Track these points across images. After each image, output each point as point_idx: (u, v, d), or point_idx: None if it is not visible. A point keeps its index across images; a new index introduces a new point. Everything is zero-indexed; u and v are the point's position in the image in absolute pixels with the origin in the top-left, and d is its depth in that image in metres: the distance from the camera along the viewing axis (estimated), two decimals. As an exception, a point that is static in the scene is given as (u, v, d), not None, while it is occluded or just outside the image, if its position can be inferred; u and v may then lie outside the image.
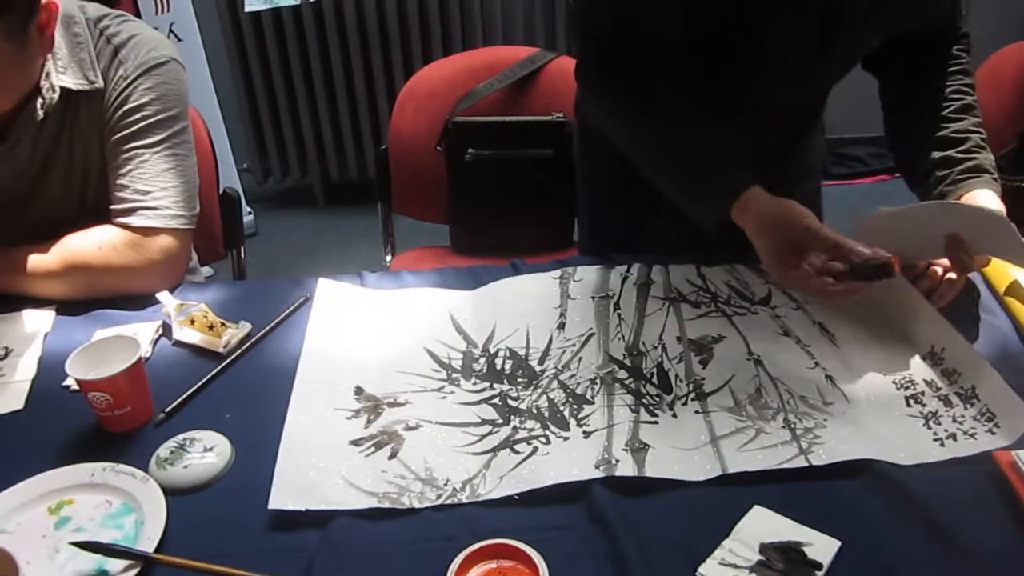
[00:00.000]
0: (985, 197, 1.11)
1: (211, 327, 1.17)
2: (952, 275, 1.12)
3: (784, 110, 1.30)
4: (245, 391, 1.09)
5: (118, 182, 1.26)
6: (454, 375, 1.09)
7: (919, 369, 1.07)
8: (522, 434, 0.99)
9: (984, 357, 1.05)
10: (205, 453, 0.97)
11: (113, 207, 1.27)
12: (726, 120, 1.20)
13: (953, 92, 1.21)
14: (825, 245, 1.04)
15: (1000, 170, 1.72)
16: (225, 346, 1.15)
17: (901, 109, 1.27)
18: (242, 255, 1.82)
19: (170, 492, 0.92)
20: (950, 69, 1.23)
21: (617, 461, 0.94)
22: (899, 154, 1.26)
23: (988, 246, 1.09)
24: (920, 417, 1.00)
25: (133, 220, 1.25)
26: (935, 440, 0.96)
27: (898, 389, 1.04)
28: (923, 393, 1.03)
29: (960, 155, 1.15)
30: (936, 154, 1.17)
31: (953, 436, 0.97)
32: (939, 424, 0.98)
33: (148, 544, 0.85)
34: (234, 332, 1.17)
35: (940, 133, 1.18)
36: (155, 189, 1.26)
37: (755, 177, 1.11)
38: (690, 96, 1.17)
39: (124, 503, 0.92)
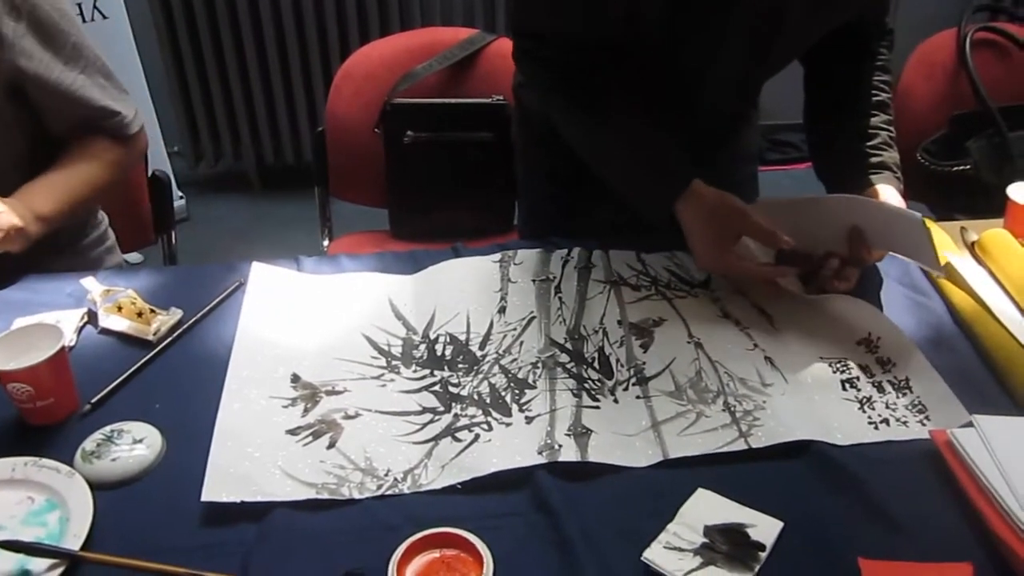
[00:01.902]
0: (887, 193, 1.15)
1: (140, 314, 1.13)
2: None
3: (723, 102, 1.30)
4: (176, 380, 1.05)
5: None
6: (394, 362, 1.07)
7: (854, 354, 1.08)
8: (463, 421, 0.98)
9: (918, 342, 1.07)
10: (134, 445, 0.94)
11: None
12: (665, 112, 1.20)
13: (870, 89, 1.24)
14: (761, 234, 1.11)
15: (930, 155, 1.77)
16: (155, 334, 1.11)
17: (820, 99, 1.30)
18: (173, 240, 1.77)
19: (97, 487, 0.88)
20: (872, 64, 1.26)
21: (560, 446, 0.93)
22: (812, 141, 1.30)
23: (889, 243, 1.13)
24: (855, 401, 1.01)
25: None
26: (870, 424, 0.98)
27: (834, 372, 1.05)
28: (858, 378, 1.04)
29: (868, 150, 1.20)
30: (846, 145, 1.22)
31: (887, 421, 0.98)
32: (873, 409, 1.00)
33: (74, 542, 0.81)
34: (164, 319, 1.13)
35: (853, 126, 1.22)
36: None
37: (694, 165, 1.12)
38: (628, 90, 1.17)
39: (48, 499, 0.88)
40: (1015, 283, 1.15)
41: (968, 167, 1.72)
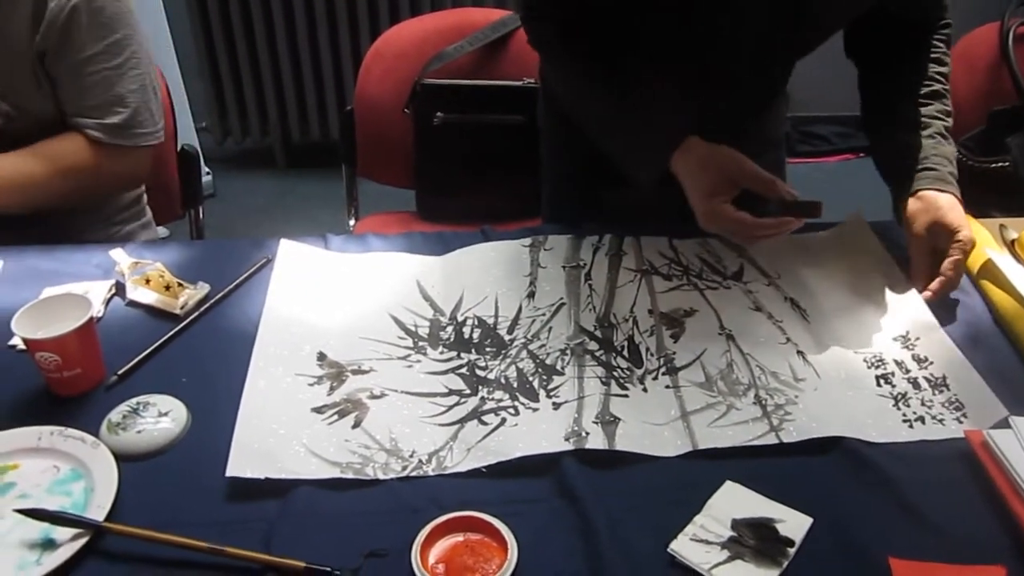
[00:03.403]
0: (943, 202, 1.12)
1: (167, 287, 1.13)
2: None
3: (750, 82, 1.28)
4: (202, 355, 1.05)
5: None
6: (420, 343, 1.06)
7: (890, 349, 1.06)
8: (490, 405, 0.97)
9: (956, 340, 1.05)
10: (160, 418, 0.93)
11: None
12: (683, 83, 1.19)
13: (924, 78, 1.21)
14: (759, 179, 1.08)
15: (968, 150, 1.74)
16: (182, 307, 1.11)
17: (874, 90, 1.27)
18: (200, 215, 1.77)
19: (122, 458, 0.88)
20: (928, 56, 1.23)
21: (587, 433, 0.92)
22: (868, 133, 1.26)
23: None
24: (890, 397, 0.99)
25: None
26: (904, 421, 0.96)
27: (869, 368, 1.04)
28: (893, 374, 1.02)
29: (923, 141, 1.17)
30: (900, 136, 1.19)
31: (922, 419, 0.96)
32: (908, 406, 0.98)
33: (98, 512, 0.81)
34: (191, 293, 1.13)
35: (905, 116, 1.20)
36: None
37: (716, 141, 1.10)
38: (638, 54, 1.15)
39: (73, 469, 0.88)
40: (1056, 283, 1.12)
41: (1007, 164, 1.68)
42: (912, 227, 1.13)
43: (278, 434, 0.92)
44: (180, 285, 1.13)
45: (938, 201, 1.12)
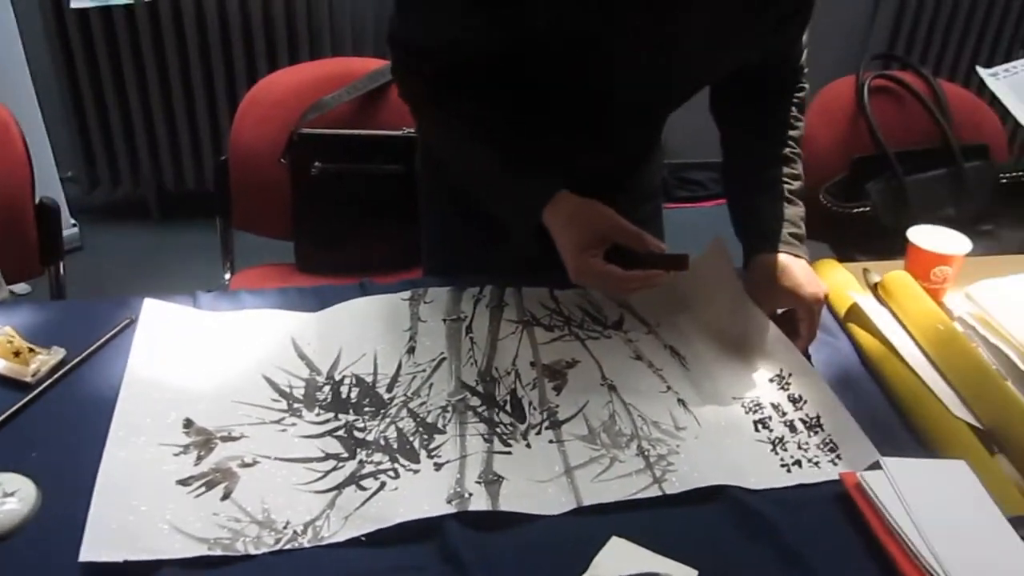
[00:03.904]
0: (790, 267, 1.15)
1: (17, 353, 1.04)
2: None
3: (626, 136, 1.30)
4: (56, 426, 0.97)
5: None
6: (295, 405, 1.02)
7: (766, 392, 1.08)
8: (369, 468, 0.93)
9: (829, 381, 1.08)
10: (5, 499, 0.85)
11: None
12: (559, 140, 1.20)
13: (776, 144, 1.25)
14: (627, 233, 1.10)
15: (832, 196, 1.82)
16: (33, 375, 1.03)
17: (732, 155, 1.30)
18: (60, 272, 1.67)
19: (-39, 545, 0.80)
20: (783, 121, 1.27)
21: (470, 495, 0.89)
22: (727, 196, 1.29)
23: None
24: (768, 443, 1.01)
25: None
26: (782, 466, 0.97)
27: (746, 413, 1.05)
28: (770, 418, 1.04)
29: (771, 203, 1.20)
30: (750, 200, 1.23)
31: (799, 463, 0.98)
32: (785, 451, 1.00)
33: (-71, 610, 0.73)
34: (45, 359, 1.05)
35: (759, 180, 1.23)
36: None
37: (599, 200, 1.11)
38: (507, 109, 1.16)
39: (-98, 562, 0.79)
40: (917, 324, 1.18)
41: (868, 208, 1.77)
42: (758, 290, 1.16)
43: (139, 511, 0.85)
44: (32, 350, 1.05)
45: (780, 263, 1.14)
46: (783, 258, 1.15)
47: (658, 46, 1.09)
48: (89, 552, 0.79)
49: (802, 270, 1.14)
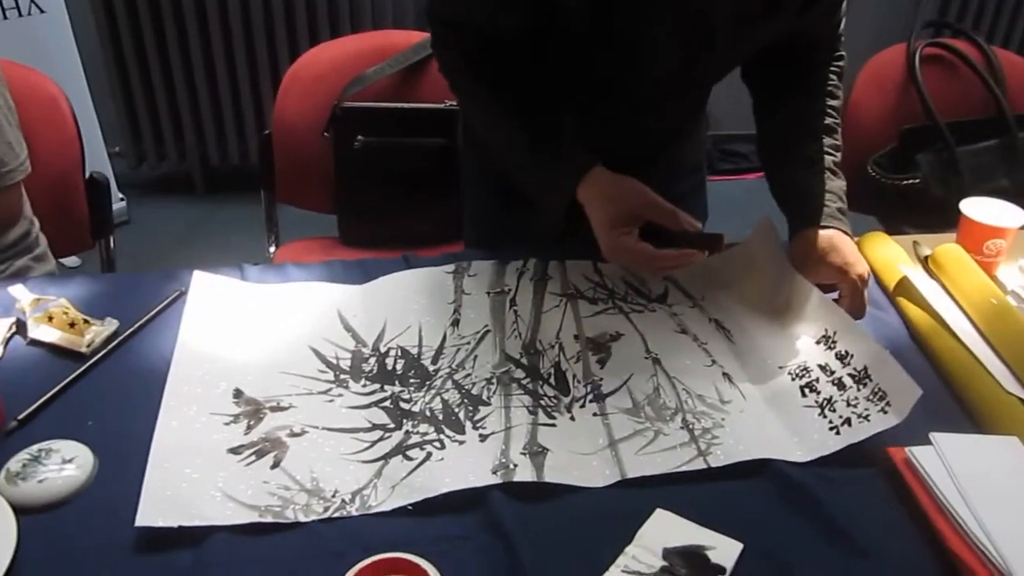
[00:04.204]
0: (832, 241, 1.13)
1: (72, 324, 1.07)
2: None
3: (665, 109, 1.29)
4: (110, 396, 0.99)
5: None
6: (342, 376, 1.03)
7: (813, 354, 1.07)
8: (415, 439, 0.94)
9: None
10: (64, 465, 0.88)
11: None
12: (594, 115, 1.19)
13: (818, 113, 1.23)
14: (661, 211, 1.08)
15: (880, 168, 1.78)
16: (88, 346, 1.06)
17: (768, 123, 1.28)
18: (111, 245, 1.70)
19: (22, 511, 0.83)
20: (822, 90, 1.24)
21: (515, 466, 0.90)
22: (763, 165, 1.27)
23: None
24: (816, 406, 1.00)
25: None
26: (831, 428, 0.96)
27: (793, 380, 1.04)
28: (817, 380, 1.03)
29: (814, 176, 1.18)
30: (792, 173, 1.20)
31: (848, 421, 0.96)
32: (834, 411, 0.98)
33: (-6, 572, 0.76)
34: (98, 330, 1.07)
35: (799, 151, 1.21)
36: None
37: (638, 174, 1.10)
38: (546, 86, 1.15)
39: (-33, 525, 0.82)
40: (969, 298, 1.15)
41: (917, 180, 1.73)
42: (802, 265, 1.14)
43: (192, 478, 0.87)
44: (86, 322, 1.08)
45: (826, 239, 1.13)
46: (830, 234, 1.13)
47: (693, 26, 1.08)
48: (144, 518, 0.81)
49: (849, 248, 1.12)
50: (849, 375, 1.02)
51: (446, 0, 1.15)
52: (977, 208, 1.24)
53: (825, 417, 0.98)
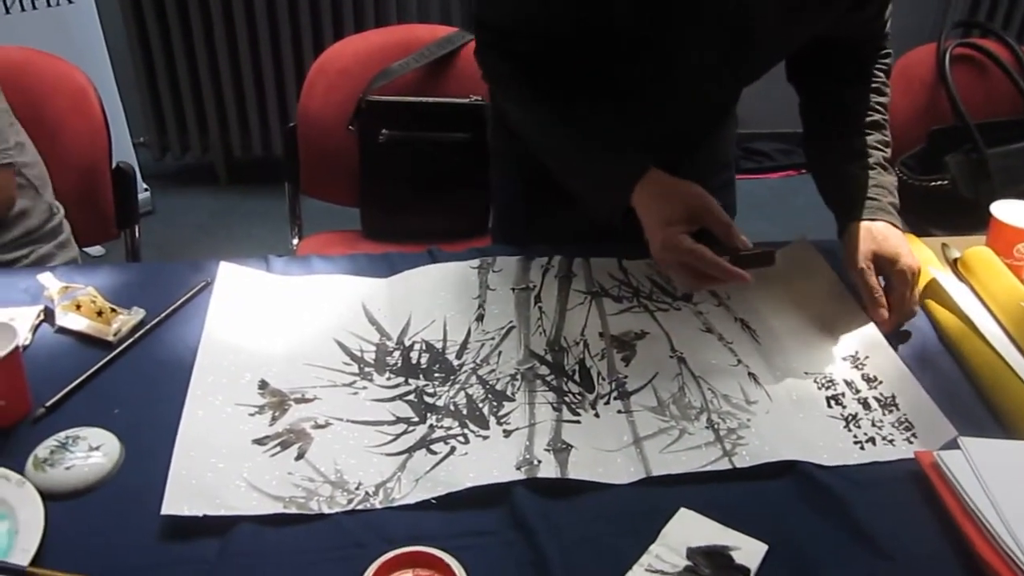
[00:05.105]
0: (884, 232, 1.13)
1: (100, 313, 1.08)
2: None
3: (701, 108, 1.28)
4: (137, 384, 1.00)
5: None
6: (367, 369, 1.03)
7: (840, 369, 1.06)
8: (439, 433, 0.94)
9: (903, 360, 1.05)
10: (91, 453, 0.89)
11: None
12: (637, 113, 1.19)
13: (865, 108, 1.22)
14: (717, 222, 1.05)
15: (908, 169, 1.77)
16: (115, 334, 1.06)
17: (815, 118, 1.27)
18: (136, 235, 1.71)
19: (50, 497, 0.83)
20: (869, 86, 1.24)
21: (539, 462, 0.90)
22: (809, 160, 1.27)
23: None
24: (840, 419, 0.99)
25: None
26: (855, 443, 0.96)
27: (819, 389, 1.03)
28: (843, 395, 1.02)
29: (862, 172, 1.18)
30: (838, 166, 1.20)
31: (872, 440, 0.96)
32: (859, 427, 0.98)
33: (23, 556, 0.76)
34: (126, 319, 1.08)
35: (846, 145, 1.20)
36: None
37: (670, 169, 1.09)
38: (592, 86, 1.15)
39: (-5, 509, 0.83)
40: (999, 302, 1.14)
41: (946, 182, 1.72)
42: (854, 258, 1.13)
43: (217, 468, 0.88)
44: (113, 310, 1.09)
45: (878, 231, 1.12)
46: (881, 226, 1.12)
47: (735, 27, 1.08)
48: (170, 506, 0.82)
49: (900, 240, 1.12)
50: (875, 398, 1.02)
51: (495, 6, 1.15)
52: (1008, 210, 1.22)
53: (850, 431, 0.98)
